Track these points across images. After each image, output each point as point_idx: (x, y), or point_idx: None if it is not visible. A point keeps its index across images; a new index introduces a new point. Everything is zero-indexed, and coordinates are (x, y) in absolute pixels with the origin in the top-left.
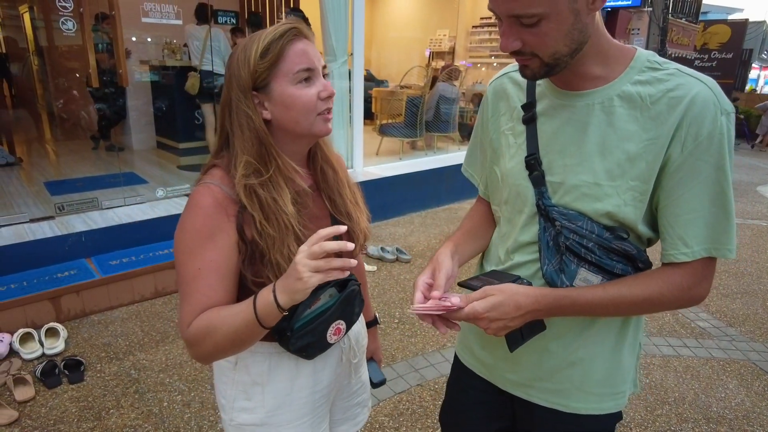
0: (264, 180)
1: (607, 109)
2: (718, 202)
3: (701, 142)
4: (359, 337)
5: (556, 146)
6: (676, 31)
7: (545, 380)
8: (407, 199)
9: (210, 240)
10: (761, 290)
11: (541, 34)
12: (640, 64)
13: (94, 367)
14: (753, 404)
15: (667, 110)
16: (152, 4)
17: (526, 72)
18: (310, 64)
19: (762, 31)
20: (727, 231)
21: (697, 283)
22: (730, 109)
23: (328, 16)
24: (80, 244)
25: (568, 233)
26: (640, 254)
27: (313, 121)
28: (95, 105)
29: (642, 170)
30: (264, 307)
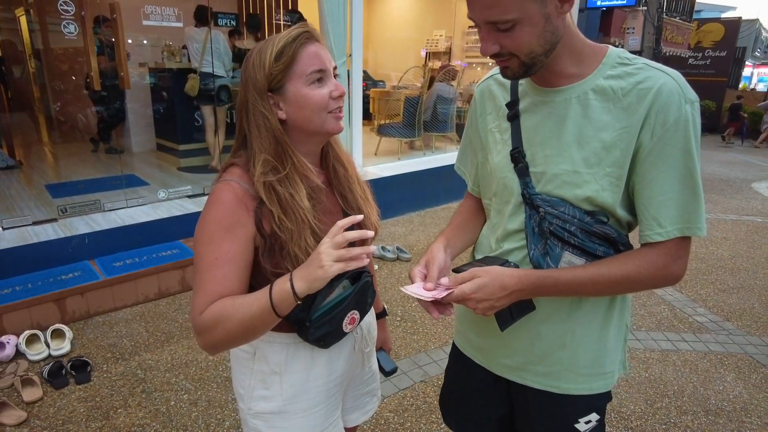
0: (281, 177)
1: (583, 103)
2: (687, 184)
3: (668, 129)
4: (370, 328)
5: (538, 139)
6: (671, 30)
7: (537, 363)
8: (406, 199)
9: (229, 232)
10: (757, 285)
11: (516, 37)
12: (611, 61)
13: (101, 368)
14: (750, 396)
15: (637, 101)
16: (153, 7)
17: (506, 72)
18: (322, 65)
19: (755, 29)
20: (696, 210)
21: (672, 261)
22: (693, 98)
23: (327, 17)
24: (83, 246)
25: (551, 219)
26: (620, 237)
27: (325, 119)
28: (94, 107)
29: (617, 157)
30: (280, 295)
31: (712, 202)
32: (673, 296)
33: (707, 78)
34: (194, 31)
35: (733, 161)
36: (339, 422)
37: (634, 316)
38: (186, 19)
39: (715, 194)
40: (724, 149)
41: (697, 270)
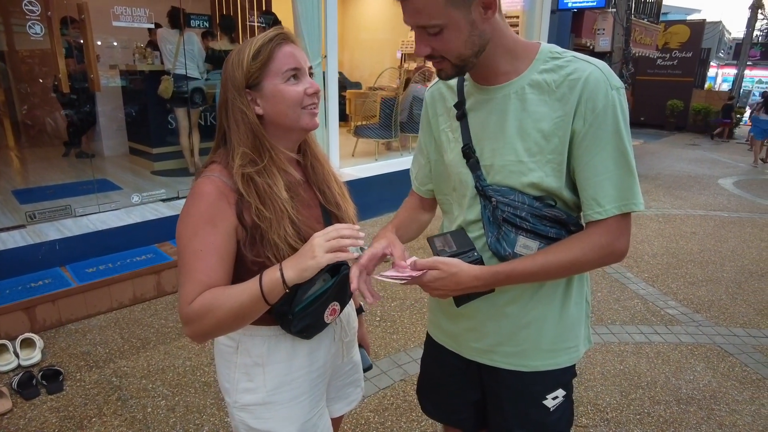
0: (259, 168)
1: (521, 97)
2: (620, 163)
3: (598, 114)
4: (350, 319)
5: (484, 134)
6: (639, 31)
7: (505, 344)
8: (384, 200)
9: (211, 224)
10: (724, 278)
11: (445, 41)
12: (543, 56)
13: (74, 377)
14: (719, 384)
15: (569, 91)
16: (123, 8)
17: (440, 74)
18: (297, 64)
19: (718, 30)
20: (632, 187)
21: (615, 239)
22: (619, 84)
23: (301, 19)
24: (54, 253)
25: (503, 207)
26: (570, 218)
27: (300, 114)
28: (63, 111)
29: (556, 144)
30: (270, 283)
31: (682, 199)
32: (646, 290)
33: (675, 78)
34: (168, 32)
35: (700, 159)
36: (325, 412)
37: (608, 310)
38: (158, 20)
39: (684, 191)
40: (692, 147)
41: (668, 264)
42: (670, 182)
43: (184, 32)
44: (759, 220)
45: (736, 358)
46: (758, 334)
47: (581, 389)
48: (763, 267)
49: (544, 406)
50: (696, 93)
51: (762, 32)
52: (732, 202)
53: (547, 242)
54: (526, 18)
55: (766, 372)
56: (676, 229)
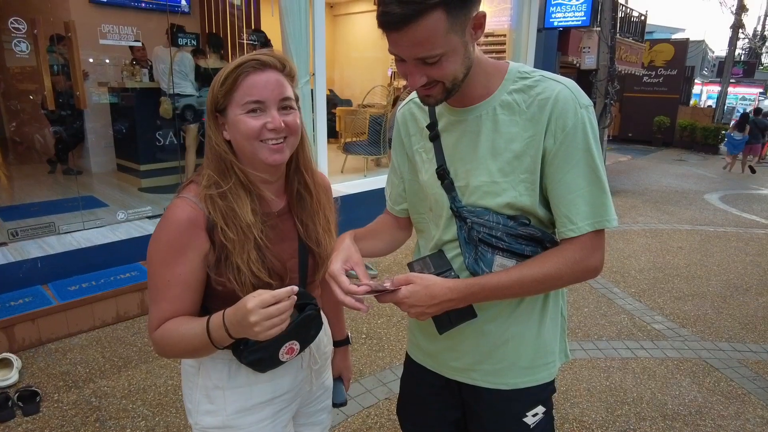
0: (223, 191)
1: (492, 118)
2: (592, 180)
3: (568, 132)
4: (320, 345)
5: (458, 155)
6: (625, 50)
7: (484, 362)
8: (373, 216)
9: (180, 254)
10: (710, 292)
11: (443, 68)
12: (512, 76)
13: (51, 397)
14: (705, 399)
15: (539, 111)
16: (110, 26)
17: (429, 101)
18: (261, 96)
19: (701, 49)
20: (604, 204)
21: (589, 255)
22: (587, 102)
23: (289, 37)
24: (36, 271)
25: (478, 227)
26: (545, 235)
27: (256, 147)
28: (51, 128)
29: (528, 164)
30: (216, 333)
31: (669, 213)
32: (633, 305)
33: (661, 95)
34: (163, 51)
35: (686, 174)
36: None
37: (595, 326)
38: (145, 38)
39: (671, 206)
40: (679, 163)
41: (655, 279)
42: (657, 197)
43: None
44: (744, 234)
45: (722, 373)
46: (743, 348)
47: (567, 406)
48: (748, 281)
49: (524, 423)
50: (682, 109)
51: (744, 51)
52: (718, 216)
53: (524, 260)
54: (513, 37)
55: (751, 387)
56: (663, 244)
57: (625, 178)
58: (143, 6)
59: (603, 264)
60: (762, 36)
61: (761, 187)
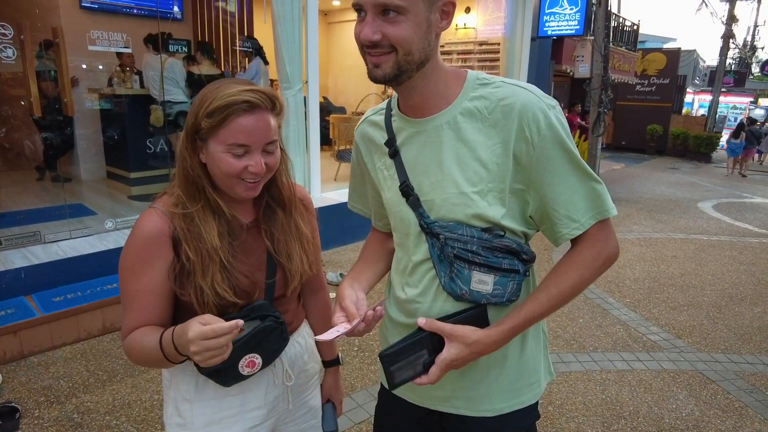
0: (190, 213)
1: (454, 127)
2: (580, 176)
3: (544, 135)
4: (297, 361)
5: (420, 169)
6: (618, 58)
7: (468, 389)
8: (366, 224)
9: (148, 264)
10: (705, 302)
11: (401, 28)
12: (471, 84)
13: (32, 414)
14: (702, 413)
15: (503, 117)
16: (99, 32)
17: (377, 72)
18: (248, 141)
19: (693, 58)
20: (599, 195)
21: (603, 246)
22: (553, 103)
23: (282, 44)
24: (19, 281)
25: (452, 243)
26: (521, 247)
27: (233, 184)
28: (40, 134)
29: (495, 172)
30: (168, 348)
31: (663, 222)
32: (628, 316)
33: (654, 103)
34: (153, 58)
35: (679, 182)
36: None
37: (590, 337)
38: (134, 44)
39: (665, 214)
40: (672, 171)
41: (650, 289)
42: (651, 206)
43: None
44: (738, 243)
45: (719, 385)
46: (739, 359)
47: (562, 420)
48: (743, 291)
49: None
50: (674, 118)
51: (734, 60)
52: (711, 225)
53: (502, 274)
54: (507, 45)
55: (748, 399)
56: (657, 253)
57: (619, 186)
58: (135, 12)
59: (619, 247)
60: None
61: (753, 195)
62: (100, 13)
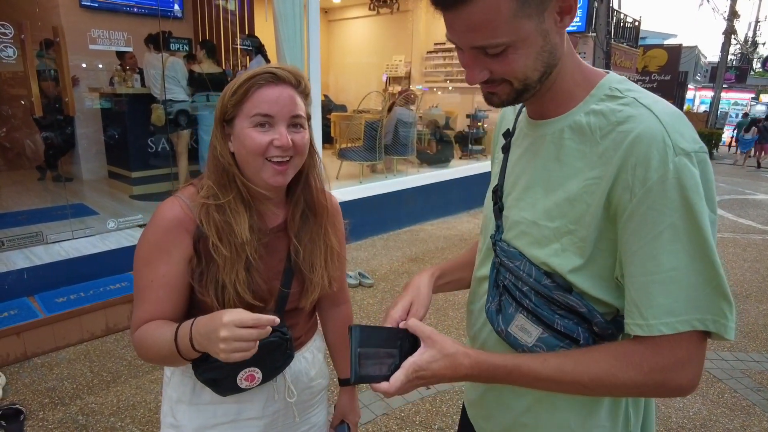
0: (221, 204)
1: (557, 142)
2: (685, 261)
3: (651, 188)
4: (302, 377)
5: (513, 178)
6: (619, 55)
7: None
8: (368, 223)
9: (165, 254)
10: None
11: (510, 62)
12: (600, 92)
13: (36, 416)
14: (709, 412)
15: (614, 147)
16: (100, 31)
17: (493, 100)
18: (271, 110)
19: (694, 54)
20: (705, 299)
21: (669, 367)
22: (690, 147)
23: (283, 42)
24: (22, 282)
25: (504, 272)
26: (592, 315)
27: (262, 165)
28: (41, 133)
29: (581, 213)
30: (183, 343)
31: None
32: None
33: None
34: (154, 57)
35: None
36: None
37: None
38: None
39: None
40: None
41: None
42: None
43: (170, 57)
44: (741, 240)
45: (726, 384)
46: (746, 358)
47: None
48: (748, 288)
49: None
50: None
51: (735, 56)
52: (724, 223)
53: (553, 334)
54: None
55: (755, 398)
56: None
57: None
58: (135, 11)
59: (695, 384)
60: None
61: (756, 192)
62: (100, 11)
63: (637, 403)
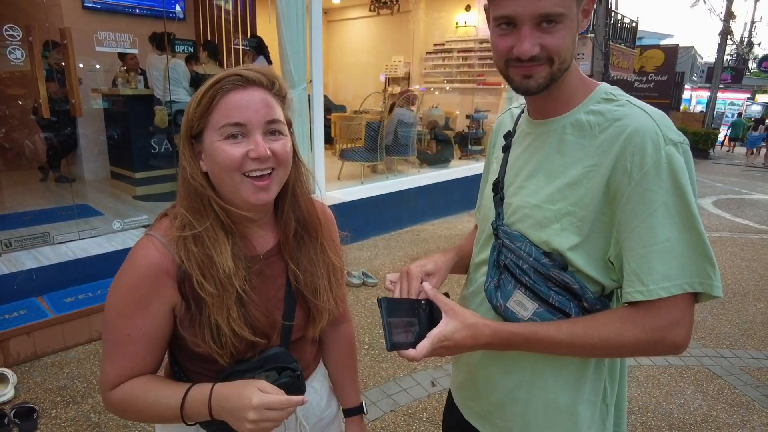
0: (198, 233)
1: (560, 137)
2: (676, 232)
3: (647, 172)
4: (312, 411)
5: (514, 170)
6: (617, 56)
7: (495, 414)
8: (370, 223)
9: (143, 305)
10: None
11: (560, 36)
12: (597, 96)
13: (49, 414)
14: (709, 408)
15: (612, 139)
16: (106, 33)
17: (530, 84)
18: (242, 118)
19: (691, 55)
20: (694, 263)
21: (666, 326)
22: (677, 138)
23: (286, 43)
24: (31, 282)
25: (507, 252)
26: (584, 291)
27: (238, 182)
28: (43, 134)
29: (581, 196)
30: (193, 408)
31: None
32: None
33: (652, 100)
34: (156, 58)
35: None
36: None
37: None
38: (141, 45)
39: None
40: None
41: None
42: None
43: (171, 58)
44: (738, 239)
45: (725, 380)
46: (744, 355)
47: None
48: (745, 287)
49: None
50: (673, 114)
51: (732, 57)
52: (712, 221)
53: (547, 309)
54: None
55: (754, 394)
56: (722, 295)
57: None
58: (137, 12)
59: (687, 342)
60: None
61: (752, 191)
62: (103, 13)
63: (612, 378)
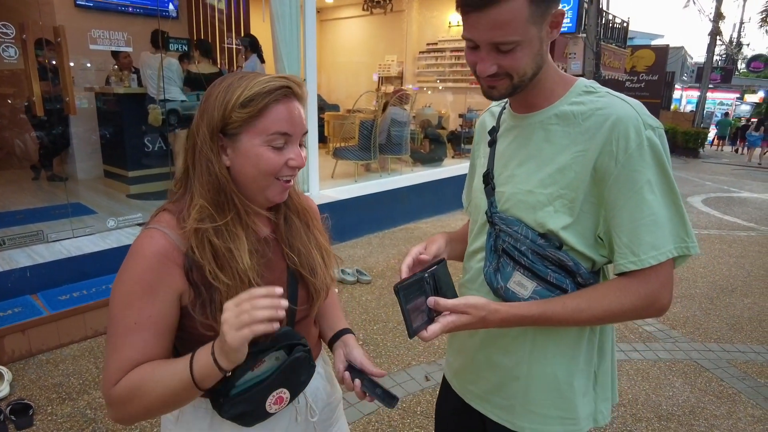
0: (219, 227)
1: (546, 127)
2: (659, 208)
3: (632, 154)
4: (319, 394)
5: (504, 161)
6: (608, 55)
7: (495, 394)
8: (364, 221)
9: (150, 293)
10: (697, 294)
11: (516, 58)
12: (577, 89)
13: (45, 410)
14: (697, 400)
15: (596, 126)
16: (100, 31)
17: (493, 93)
18: (290, 129)
19: (681, 55)
20: (676, 232)
21: (657, 291)
22: (655, 124)
23: (280, 42)
24: (25, 280)
25: (504, 236)
26: (578, 267)
27: (269, 184)
28: (34, 132)
29: (571, 179)
30: (202, 369)
31: None
32: None
33: (643, 99)
34: (150, 57)
35: None
36: None
37: None
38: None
39: None
40: None
41: None
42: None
43: (165, 57)
44: (727, 236)
45: (713, 373)
46: (732, 348)
47: None
48: (733, 283)
49: None
50: (663, 114)
51: (721, 57)
52: (701, 219)
53: (546, 286)
54: None
55: (741, 386)
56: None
57: None
58: (130, 11)
59: (669, 303)
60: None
61: (740, 190)
62: (95, 11)
63: (601, 349)
